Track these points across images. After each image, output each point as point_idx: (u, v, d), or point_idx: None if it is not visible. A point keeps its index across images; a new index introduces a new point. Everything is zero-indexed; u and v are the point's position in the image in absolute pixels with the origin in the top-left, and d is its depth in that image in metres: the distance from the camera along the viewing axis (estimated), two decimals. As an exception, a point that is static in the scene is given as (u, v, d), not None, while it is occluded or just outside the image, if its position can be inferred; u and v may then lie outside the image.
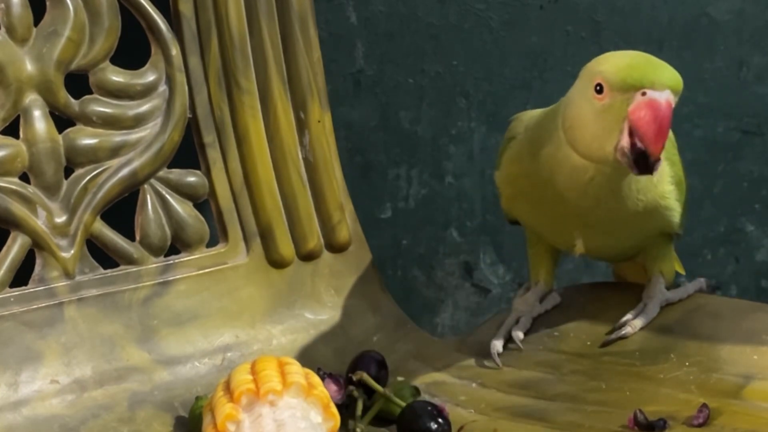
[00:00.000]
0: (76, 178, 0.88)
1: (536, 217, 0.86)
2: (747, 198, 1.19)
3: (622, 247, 0.86)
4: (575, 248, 0.84)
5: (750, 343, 0.79)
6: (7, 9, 0.86)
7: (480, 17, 1.12)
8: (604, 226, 0.82)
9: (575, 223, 0.82)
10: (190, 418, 0.82)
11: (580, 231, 0.83)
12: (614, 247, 0.86)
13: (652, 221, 0.82)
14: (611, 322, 0.85)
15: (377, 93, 1.12)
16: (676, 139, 0.87)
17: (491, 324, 0.91)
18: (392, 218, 1.15)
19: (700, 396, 0.76)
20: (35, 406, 0.83)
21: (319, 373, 0.79)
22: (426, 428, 0.78)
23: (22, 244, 0.86)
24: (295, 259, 0.94)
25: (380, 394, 0.81)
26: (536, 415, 0.80)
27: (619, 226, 0.82)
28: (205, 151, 0.93)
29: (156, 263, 0.90)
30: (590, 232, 0.83)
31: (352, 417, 0.81)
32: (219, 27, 0.92)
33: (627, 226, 0.82)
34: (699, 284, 0.87)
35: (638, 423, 0.74)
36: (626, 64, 0.75)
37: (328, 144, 0.96)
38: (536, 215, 0.85)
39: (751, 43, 1.16)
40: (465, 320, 1.18)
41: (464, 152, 1.13)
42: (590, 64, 0.78)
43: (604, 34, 1.13)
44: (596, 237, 0.84)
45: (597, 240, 0.84)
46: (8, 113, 0.86)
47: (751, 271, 1.21)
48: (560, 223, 0.83)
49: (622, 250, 0.86)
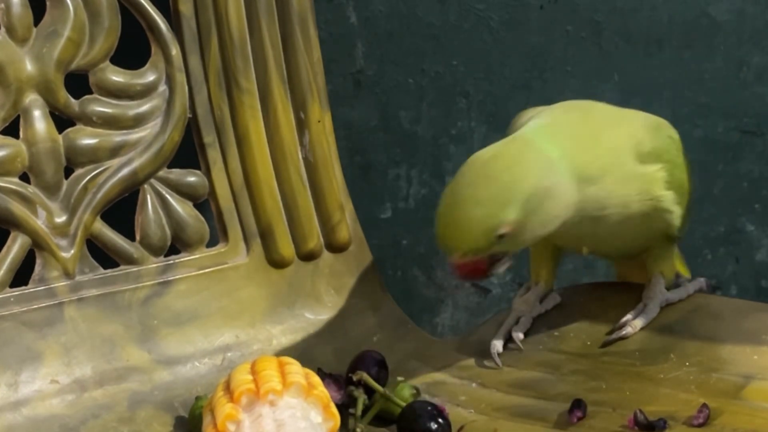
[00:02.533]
0: (76, 178, 0.88)
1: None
2: (747, 198, 1.19)
3: (627, 248, 0.87)
4: (582, 250, 0.86)
5: (750, 343, 0.79)
6: (7, 9, 0.86)
7: (480, 17, 1.12)
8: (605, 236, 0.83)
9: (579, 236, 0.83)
10: (190, 418, 0.82)
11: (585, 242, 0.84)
12: (620, 248, 0.87)
13: (652, 223, 0.83)
14: (611, 322, 0.85)
15: (377, 93, 1.12)
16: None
17: (491, 324, 0.91)
18: (392, 218, 1.15)
19: (700, 396, 0.76)
20: (35, 406, 0.83)
21: (318, 373, 0.79)
22: (426, 428, 0.78)
23: (22, 244, 0.86)
24: (295, 259, 0.94)
25: (380, 394, 0.81)
26: (536, 415, 0.80)
27: (623, 231, 0.82)
28: (205, 151, 0.93)
29: (156, 263, 0.90)
30: (596, 240, 0.84)
31: (352, 417, 0.81)
32: (219, 27, 0.92)
33: (630, 230, 0.82)
34: (699, 284, 0.87)
35: (638, 423, 0.74)
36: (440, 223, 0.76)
37: (328, 144, 0.96)
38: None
39: (751, 43, 1.16)
40: (465, 320, 1.18)
41: (464, 152, 1.13)
42: None
43: (604, 34, 1.13)
44: (602, 242, 0.85)
45: (603, 245, 0.86)
46: (8, 113, 0.86)
47: (751, 271, 1.21)
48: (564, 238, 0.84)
49: (627, 250, 0.87)
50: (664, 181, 0.81)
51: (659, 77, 1.15)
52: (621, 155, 0.80)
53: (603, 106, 0.85)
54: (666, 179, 0.81)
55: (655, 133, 0.83)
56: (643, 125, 0.83)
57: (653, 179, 0.81)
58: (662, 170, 0.81)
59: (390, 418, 0.81)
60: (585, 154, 0.78)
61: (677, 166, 0.83)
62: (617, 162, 0.79)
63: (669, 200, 0.82)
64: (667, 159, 0.81)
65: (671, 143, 0.83)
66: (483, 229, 0.74)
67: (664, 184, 0.81)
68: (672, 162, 0.82)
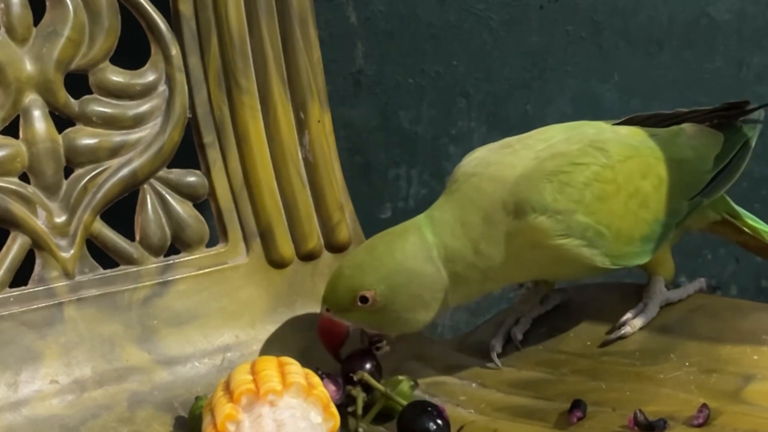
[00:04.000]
0: (76, 178, 0.88)
1: None
2: (747, 198, 1.19)
3: (588, 275, 0.86)
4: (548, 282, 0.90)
5: (750, 343, 0.79)
6: (7, 9, 0.86)
7: (480, 17, 1.12)
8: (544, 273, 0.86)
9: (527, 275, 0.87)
10: (189, 418, 0.82)
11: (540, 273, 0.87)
12: (579, 278, 0.89)
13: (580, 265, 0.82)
14: (611, 322, 0.85)
15: (377, 93, 1.12)
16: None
17: (491, 324, 0.91)
18: (392, 218, 1.15)
19: (700, 396, 0.76)
20: (35, 406, 0.83)
21: (317, 373, 0.79)
22: (425, 428, 0.78)
23: (21, 244, 0.86)
24: (295, 259, 0.94)
25: (381, 393, 0.82)
26: (536, 415, 0.80)
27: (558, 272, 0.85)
28: (205, 151, 0.93)
29: (156, 263, 0.90)
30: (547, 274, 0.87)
31: (352, 416, 0.81)
32: (219, 27, 0.92)
33: (564, 270, 0.84)
34: (699, 284, 0.87)
35: (638, 423, 0.74)
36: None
37: (328, 144, 0.96)
38: None
39: (751, 43, 1.16)
40: (465, 320, 1.18)
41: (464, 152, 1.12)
42: None
43: (604, 34, 1.13)
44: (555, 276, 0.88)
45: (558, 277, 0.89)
46: (8, 113, 0.86)
47: (751, 271, 1.21)
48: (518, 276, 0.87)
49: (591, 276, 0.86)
50: (556, 232, 0.80)
51: (659, 77, 1.15)
52: (493, 218, 0.81)
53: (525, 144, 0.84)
54: (559, 230, 0.80)
55: (527, 182, 0.80)
56: (523, 174, 0.81)
57: (534, 229, 0.80)
58: (556, 222, 0.80)
59: (388, 414, 0.81)
60: (452, 233, 0.81)
61: (579, 211, 0.80)
62: (488, 228, 0.81)
63: (571, 245, 0.80)
64: (541, 207, 0.80)
65: (571, 192, 0.80)
66: (346, 287, 0.82)
67: (556, 234, 0.80)
68: (570, 209, 0.80)
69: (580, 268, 0.82)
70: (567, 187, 0.80)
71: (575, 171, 0.81)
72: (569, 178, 0.80)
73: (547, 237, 0.80)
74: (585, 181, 0.81)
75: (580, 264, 0.81)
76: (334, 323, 0.83)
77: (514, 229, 0.80)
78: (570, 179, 0.80)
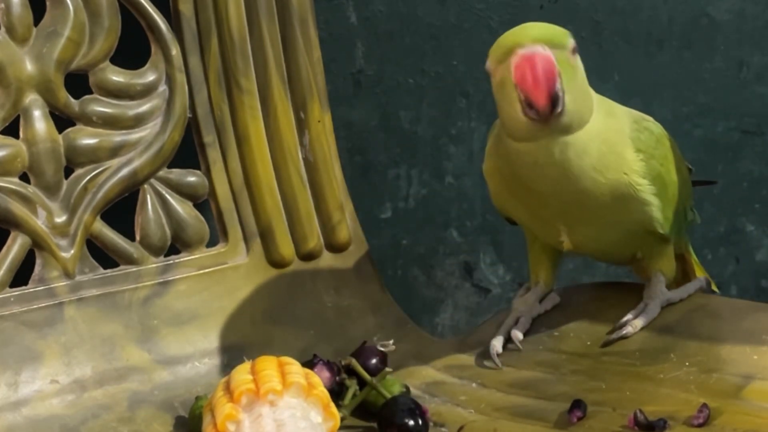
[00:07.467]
0: (76, 178, 0.88)
1: (519, 211, 0.86)
2: (747, 198, 1.19)
3: (607, 242, 0.85)
4: (563, 243, 0.84)
5: (750, 343, 0.79)
6: (7, 9, 0.86)
7: (480, 17, 1.12)
8: (579, 215, 0.82)
9: (552, 214, 0.82)
10: (190, 418, 0.82)
11: (561, 222, 0.83)
12: (600, 241, 0.85)
13: (627, 213, 0.82)
14: (611, 322, 0.85)
15: (377, 93, 1.12)
16: (676, 139, 0.87)
17: (491, 324, 0.91)
18: (392, 218, 1.15)
19: (700, 396, 0.76)
20: (35, 406, 0.83)
21: (314, 359, 0.79)
22: (402, 423, 0.78)
23: (22, 244, 0.86)
24: (295, 259, 0.94)
25: (368, 383, 0.82)
26: (536, 415, 0.80)
27: (594, 215, 0.82)
28: (205, 151, 0.93)
29: (156, 263, 0.90)
30: (570, 223, 0.83)
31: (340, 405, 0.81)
32: (219, 27, 0.92)
33: (601, 216, 0.82)
34: (699, 284, 0.87)
35: (638, 423, 0.74)
36: (500, 37, 0.78)
37: (328, 144, 0.96)
38: (518, 209, 0.85)
39: (751, 43, 1.16)
40: (465, 320, 1.18)
41: (464, 152, 1.13)
42: None
43: (604, 34, 1.13)
44: (578, 229, 0.83)
45: (580, 233, 0.84)
46: (8, 113, 0.87)
47: (751, 271, 1.21)
48: (539, 215, 0.84)
49: (610, 245, 0.86)
50: (640, 169, 0.81)
51: (659, 77, 1.15)
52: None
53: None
54: (643, 168, 0.81)
55: (636, 124, 0.82)
56: (627, 115, 0.83)
57: (629, 165, 0.80)
58: (640, 160, 0.81)
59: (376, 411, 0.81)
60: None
61: (653, 158, 0.82)
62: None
63: (646, 190, 0.81)
64: (645, 150, 0.81)
65: (650, 136, 0.83)
66: (560, 31, 0.78)
67: (639, 171, 0.81)
68: (647, 153, 0.81)
69: (634, 221, 0.82)
70: (647, 133, 0.82)
71: (651, 126, 0.84)
72: (649, 127, 0.83)
73: (632, 171, 0.80)
74: (657, 137, 0.83)
75: (639, 214, 0.81)
76: (549, 61, 0.75)
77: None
78: (649, 127, 0.83)
